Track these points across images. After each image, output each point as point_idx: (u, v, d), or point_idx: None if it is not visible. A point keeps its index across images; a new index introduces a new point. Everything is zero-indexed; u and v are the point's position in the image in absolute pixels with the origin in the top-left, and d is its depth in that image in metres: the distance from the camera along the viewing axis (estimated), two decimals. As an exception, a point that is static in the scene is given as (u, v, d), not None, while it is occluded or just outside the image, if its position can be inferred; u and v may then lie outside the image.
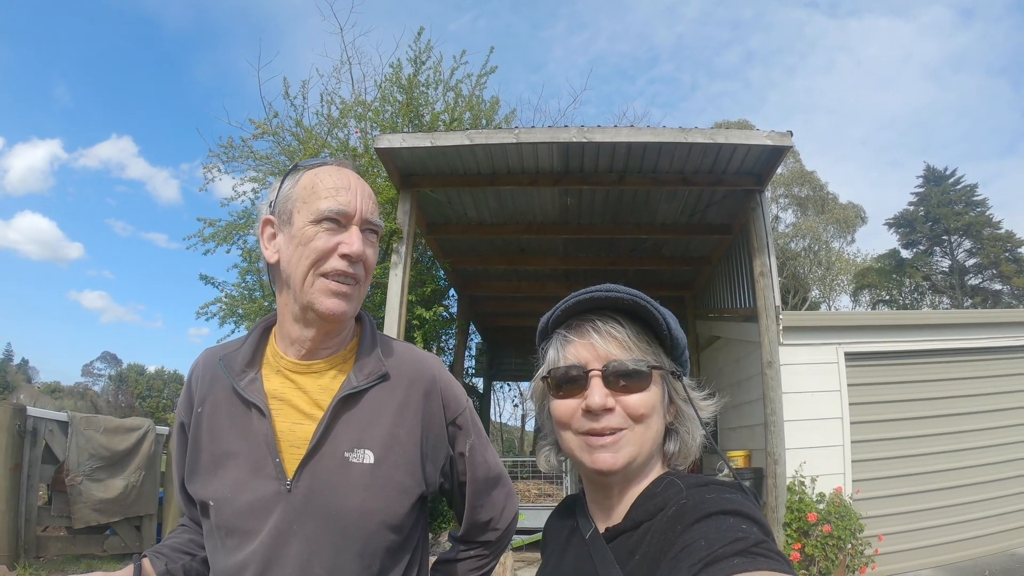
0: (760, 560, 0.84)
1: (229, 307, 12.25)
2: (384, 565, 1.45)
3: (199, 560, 1.60)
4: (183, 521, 1.71)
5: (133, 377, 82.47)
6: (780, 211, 34.05)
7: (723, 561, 0.85)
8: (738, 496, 1.00)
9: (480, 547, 1.72)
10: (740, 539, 0.88)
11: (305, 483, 1.41)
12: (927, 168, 40.97)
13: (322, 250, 1.42)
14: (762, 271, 7.70)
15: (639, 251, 11.36)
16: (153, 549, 1.59)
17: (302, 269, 1.43)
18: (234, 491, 1.42)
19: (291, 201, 1.48)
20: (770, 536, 0.92)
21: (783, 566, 0.84)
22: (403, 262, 8.03)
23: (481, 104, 13.62)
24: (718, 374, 10.85)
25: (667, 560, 0.94)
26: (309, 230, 1.43)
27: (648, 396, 1.11)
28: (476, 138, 7.56)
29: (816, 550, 6.67)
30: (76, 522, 7.10)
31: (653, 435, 1.12)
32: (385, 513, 1.44)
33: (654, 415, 1.12)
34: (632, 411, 1.10)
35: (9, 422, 6.43)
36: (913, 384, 7.97)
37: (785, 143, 7.30)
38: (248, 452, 1.44)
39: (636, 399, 1.10)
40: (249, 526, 1.40)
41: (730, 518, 0.93)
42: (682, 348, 1.15)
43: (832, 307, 33.88)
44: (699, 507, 0.97)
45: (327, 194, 1.44)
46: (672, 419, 1.15)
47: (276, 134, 12.62)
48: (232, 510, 1.42)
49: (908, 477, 7.68)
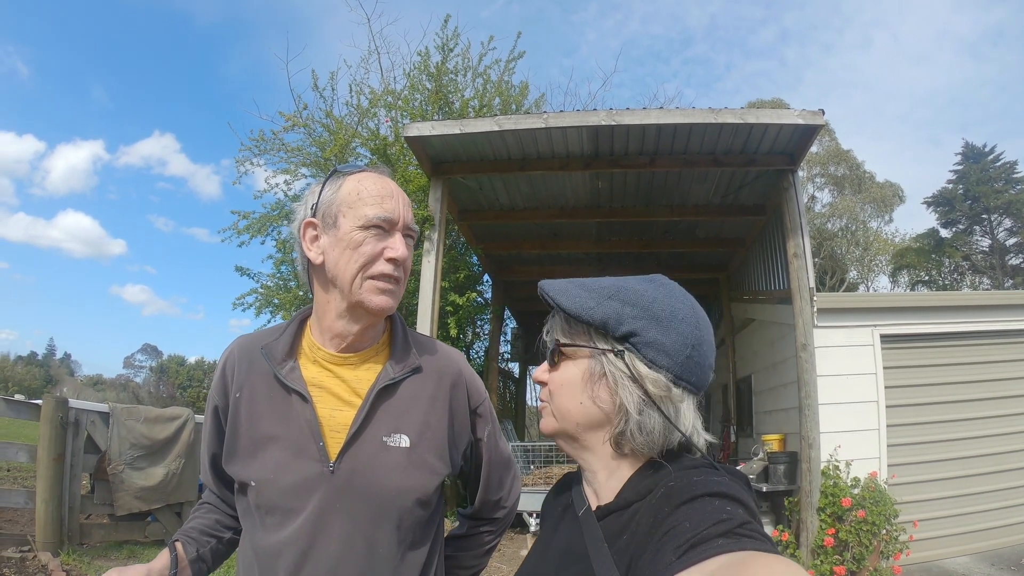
0: (744, 540, 0.85)
1: (265, 297, 12.44)
2: (416, 536, 1.59)
3: (225, 542, 1.72)
4: (207, 499, 1.80)
5: (174, 368, 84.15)
6: (816, 191, 33.51)
7: (707, 543, 0.86)
8: (726, 479, 1.02)
9: (489, 523, 1.90)
10: (724, 520, 0.89)
11: (348, 465, 1.52)
12: (965, 145, 39.78)
13: (371, 254, 1.54)
14: (796, 252, 7.62)
15: (672, 233, 11.31)
16: (183, 532, 1.68)
17: (351, 271, 1.54)
18: (276, 472, 1.52)
19: (335, 205, 1.58)
20: (756, 518, 0.94)
21: (767, 546, 0.85)
22: (435, 249, 8.10)
23: (511, 89, 13.61)
24: (753, 357, 10.80)
25: (653, 542, 0.95)
26: (357, 235, 1.54)
27: (558, 372, 1.21)
28: (505, 124, 7.56)
29: (850, 535, 6.61)
30: (118, 509, 7.24)
31: (570, 407, 1.19)
32: (419, 491, 1.56)
33: (562, 391, 1.20)
34: (549, 386, 1.24)
35: (52, 414, 6.57)
36: (951, 367, 7.81)
37: (817, 122, 7.20)
38: (289, 435, 1.54)
39: (553, 374, 1.23)
40: (292, 505, 1.50)
41: (716, 500, 0.95)
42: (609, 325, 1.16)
43: (870, 288, 33.27)
44: (686, 489, 0.99)
45: (373, 201, 1.56)
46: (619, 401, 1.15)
47: (307, 126, 12.72)
48: (275, 490, 1.51)
49: (945, 462, 7.55)
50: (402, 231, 1.58)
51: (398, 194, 1.60)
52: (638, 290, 1.18)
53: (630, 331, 1.14)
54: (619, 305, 1.16)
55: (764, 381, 10.05)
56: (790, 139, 7.63)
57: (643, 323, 1.14)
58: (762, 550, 0.83)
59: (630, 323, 1.14)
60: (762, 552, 0.82)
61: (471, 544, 1.87)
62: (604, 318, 1.15)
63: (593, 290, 1.20)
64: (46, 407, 6.63)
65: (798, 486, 7.25)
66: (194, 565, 1.62)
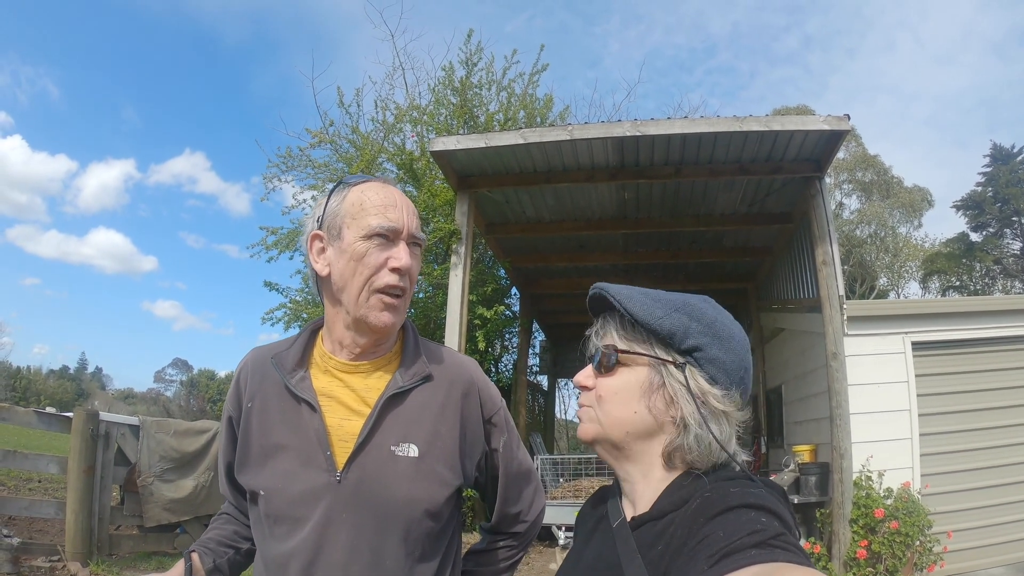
0: (777, 552, 0.86)
1: (294, 312, 12.55)
2: (424, 549, 1.56)
3: (243, 553, 1.74)
4: (226, 509, 1.82)
5: (204, 382, 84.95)
6: (844, 197, 33.10)
7: (740, 552, 0.87)
8: (762, 491, 1.02)
9: (509, 538, 1.84)
10: (758, 531, 0.90)
11: (355, 475, 1.51)
12: (993, 146, 38.69)
13: (374, 265, 1.52)
14: (824, 260, 7.56)
15: (699, 243, 11.27)
16: (200, 542, 1.71)
17: (357, 284, 1.53)
18: (285, 482, 1.53)
19: (340, 217, 1.57)
20: (790, 530, 0.94)
21: (800, 558, 0.85)
22: (463, 263, 8.12)
23: (535, 102, 13.67)
24: (783, 367, 10.69)
25: (686, 551, 0.96)
26: (360, 246, 1.53)
27: (613, 380, 1.20)
28: (530, 137, 7.60)
29: (883, 547, 6.51)
30: (147, 521, 7.34)
31: (620, 416, 1.18)
32: (427, 502, 1.54)
33: (615, 399, 1.19)
34: (598, 391, 1.21)
35: (83, 426, 6.68)
36: (984, 373, 7.67)
37: (843, 127, 7.17)
38: (298, 445, 1.55)
39: (604, 380, 1.21)
40: (299, 514, 1.50)
41: (751, 511, 0.95)
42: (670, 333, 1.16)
43: (901, 295, 32.82)
44: (721, 500, 1.00)
45: (375, 211, 1.54)
46: (680, 414, 1.15)
47: (333, 142, 12.86)
48: (283, 499, 1.52)
49: (979, 471, 7.40)
50: (407, 240, 1.56)
51: (402, 203, 1.59)
52: (701, 307, 1.20)
53: (695, 345, 1.15)
54: (686, 319, 1.17)
55: (794, 391, 9.95)
56: (816, 145, 7.59)
57: (707, 340, 1.16)
58: (794, 562, 0.84)
59: (696, 338, 1.16)
60: (794, 564, 0.83)
61: (490, 559, 1.82)
62: (672, 329, 1.16)
63: (660, 300, 1.21)
64: (77, 420, 6.74)
65: (830, 497, 7.17)
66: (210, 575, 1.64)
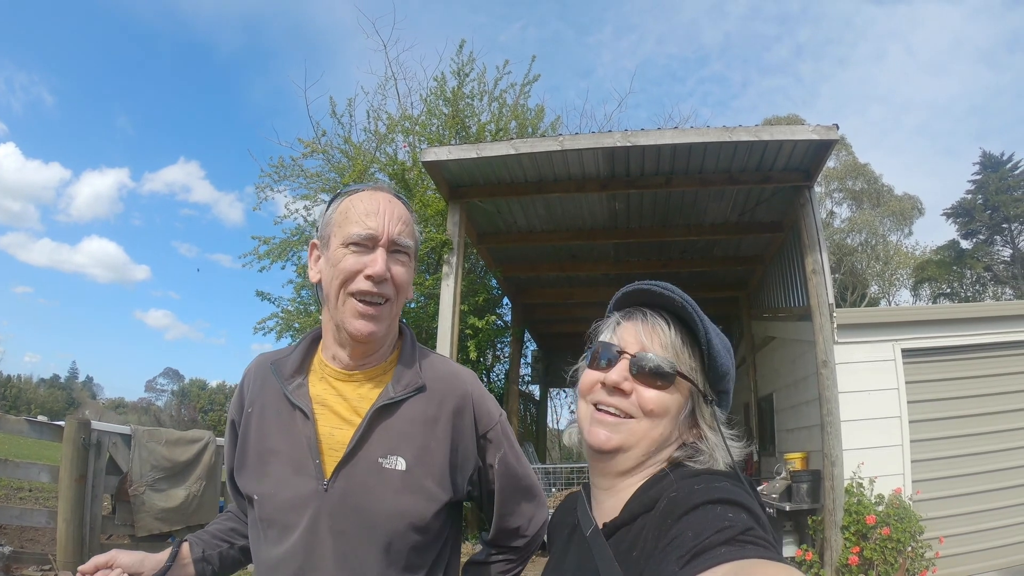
0: (748, 548, 0.86)
1: (285, 322, 12.51)
2: (410, 561, 1.56)
3: (237, 548, 1.77)
4: (230, 508, 1.87)
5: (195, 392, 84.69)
6: (835, 206, 33.30)
7: (710, 552, 0.87)
8: (727, 484, 1.03)
9: (508, 552, 1.82)
10: (726, 528, 0.90)
11: (341, 484, 1.53)
12: (983, 154, 38.98)
13: (348, 271, 1.55)
14: (814, 268, 7.60)
15: (690, 253, 11.28)
16: (195, 535, 1.75)
17: (334, 288, 1.57)
18: (276, 487, 1.55)
19: (329, 226, 1.63)
20: (759, 522, 0.94)
21: (770, 552, 0.86)
22: (454, 272, 8.13)
23: (527, 112, 13.71)
24: (774, 375, 10.72)
25: (658, 552, 0.96)
26: (339, 252, 1.57)
27: (664, 396, 1.15)
28: (521, 147, 7.63)
29: (875, 553, 6.53)
30: (139, 530, 7.29)
31: (656, 436, 1.16)
32: (413, 516, 1.54)
33: (664, 417, 1.16)
34: (644, 403, 1.15)
35: (75, 435, 6.63)
36: (974, 379, 7.70)
37: (831, 136, 7.21)
38: (291, 452, 1.57)
39: (651, 394, 1.15)
40: (288, 520, 1.53)
41: (717, 507, 0.95)
42: (722, 376, 1.18)
43: (892, 303, 32.89)
44: (687, 499, 1.00)
45: (356, 219, 1.58)
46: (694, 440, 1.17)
47: (325, 152, 12.86)
48: (274, 505, 1.55)
49: (970, 477, 7.42)
50: (387, 247, 1.57)
51: (385, 211, 1.60)
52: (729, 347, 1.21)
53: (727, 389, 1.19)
54: (732, 362, 1.19)
55: (786, 399, 9.97)
56: (805, 155, 7.64)
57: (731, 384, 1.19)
58: (765, 557, 0.84)
59: (730, 382, 1.19)
60: (765, 560, 0.83)
61: (487, 572, 1.80)
62: (727, 369, 1.18)
63: (720, 336, 1.20)
64: (69, 428, 6.70)
65: (821, 504, 7.18)
66: (197, 564, 1.67)
